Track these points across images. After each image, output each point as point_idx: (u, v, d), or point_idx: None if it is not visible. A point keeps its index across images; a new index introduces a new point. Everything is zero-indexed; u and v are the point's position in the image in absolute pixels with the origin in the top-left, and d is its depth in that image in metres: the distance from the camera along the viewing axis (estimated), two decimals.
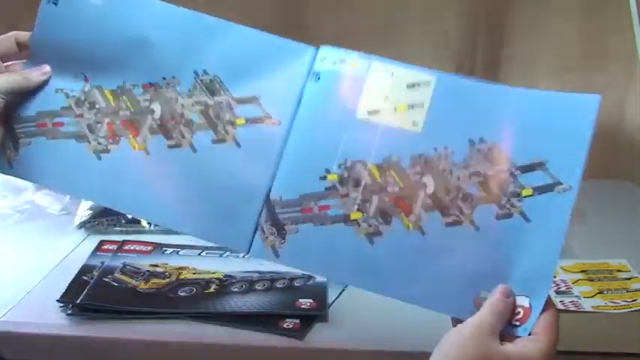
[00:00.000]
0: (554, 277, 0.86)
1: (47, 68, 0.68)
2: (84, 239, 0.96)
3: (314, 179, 0.62)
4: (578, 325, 0.75)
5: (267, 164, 0.63)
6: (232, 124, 0.65)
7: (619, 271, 0.88)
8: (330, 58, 0.64)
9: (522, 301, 0.56)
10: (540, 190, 0.57)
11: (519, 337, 0.54)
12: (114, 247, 0.92)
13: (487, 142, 0.59)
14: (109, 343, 0.73)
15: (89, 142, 0.67)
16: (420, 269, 0.59)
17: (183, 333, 0.73)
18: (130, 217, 0.99)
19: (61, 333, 0.74)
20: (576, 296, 0.81)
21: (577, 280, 0.85)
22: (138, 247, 0.91)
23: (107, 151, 0.67)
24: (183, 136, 0.65)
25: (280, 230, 0.62)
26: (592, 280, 0.85)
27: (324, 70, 0.63)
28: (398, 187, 0.61)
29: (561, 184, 0.57)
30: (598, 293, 0.82)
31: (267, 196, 0.63)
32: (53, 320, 0.75)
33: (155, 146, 0.66)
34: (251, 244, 0.63)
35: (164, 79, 0.67)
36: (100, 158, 0.67)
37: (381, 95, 0.62)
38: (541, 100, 0.59)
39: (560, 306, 0.78)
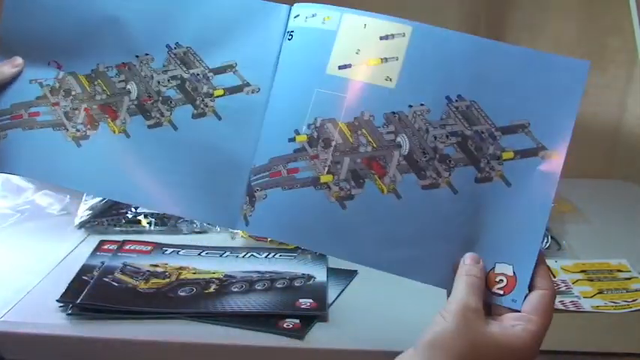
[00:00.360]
0: (554, 276, 0.86)
1: (19, 60, 0.68)
2: (84, 239, 0.96)
3: (283, 141, 0.60)
4: (578, 325, 0.75)
5: (250, 134, 0.62)
6: (211, 96, 0.63)
7: (619, 271, 0.88)
8: (302, 14, 0.61)
9: (505, 269, 0.54)
10: (522, 154, 0.55)
11: (507, 307, 0.53)
12: (114, 247, 0.91)
13: (465, 99, 0.56)
14: (109, 343, 0.73)
15: (67, 130, 0.66)
16: (396, 235, 0.57)
17: (183, 333, 0.73)
18: (129, 216, 0.99)
19: (61, 333, 0.74)
20: (576, 296, 0.81)
21: (577, 280, 0.85)
22: (138, 247, 0.91)
23: (86, 137, 0.66)
24: (162, 115, 0.64)
25: (251, 198, 0.60)
26: (592, 280, 0.85)
27: (297, 27, 0.61)
28: (371, 147, 0.58)
29: (546, 149, 0.55)
30: (598, 293, 0.82)
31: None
32: (53, 320, 0.75)
33: (135, 128, 0.65)
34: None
35: (137, 57, 0.66)
36: (79, 145, 0.66)
37: (353, 49, 0.59)
38: (526, 58, 0.56)
39: (559, 306, 0.78)
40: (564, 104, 0.54)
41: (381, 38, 0.58)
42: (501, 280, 0.54)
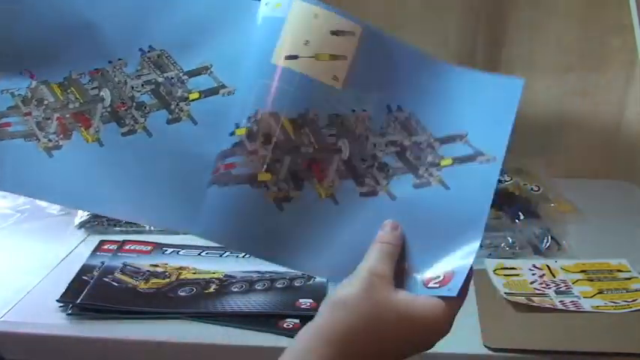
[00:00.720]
0: (554, 276, 0.86)
1: None
2: (84, 239, 0.96)
3: (225, 135, 0.57)
4: (578, 325, 0.76)
5: (226, 137, 0.59)
6: (186, 99, 0.62)
7: (619, 271, 0.88)
8: (262, 2, 0.59)
9: (443, 267, 0.53)
10: (461, 160, 0.55)
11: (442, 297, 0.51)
12: (114, 247, 0.92)
13: (404, 110, 0.57)
14: (109, 343, 0.73)
15: (38, 140, 0.63)
16: (332, 241, 0.55)
17: (183, 333, 0.73)
18: None
19: (61, 333, 0.74)
20: (576, 296, 0.81)
21: (577, 280, 0.85)
22: (138, 247, 0.91)
23: (58, 147, 0.63)
24: (136, 121, 0.62)
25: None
26: (592, 280, 0.85)
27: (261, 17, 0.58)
28: (312, 149, 0.56)
29: (483, 154, 0.55)
30: (598, 293, 0.82)
31: None
32: (53, 320, 0.75)
33: (109, 136, 0.62)
34: None
35: (110, 62, 0.64)
36: (51, 156, 0.63)
37: (302, 39, 0.56)
38: (466, 77, 0.57)
39: (560, 306, 0.78)
40: (500, 118, 0.55)
41: (332, 33, 0.56)
42: (438, 277, 0.52)
